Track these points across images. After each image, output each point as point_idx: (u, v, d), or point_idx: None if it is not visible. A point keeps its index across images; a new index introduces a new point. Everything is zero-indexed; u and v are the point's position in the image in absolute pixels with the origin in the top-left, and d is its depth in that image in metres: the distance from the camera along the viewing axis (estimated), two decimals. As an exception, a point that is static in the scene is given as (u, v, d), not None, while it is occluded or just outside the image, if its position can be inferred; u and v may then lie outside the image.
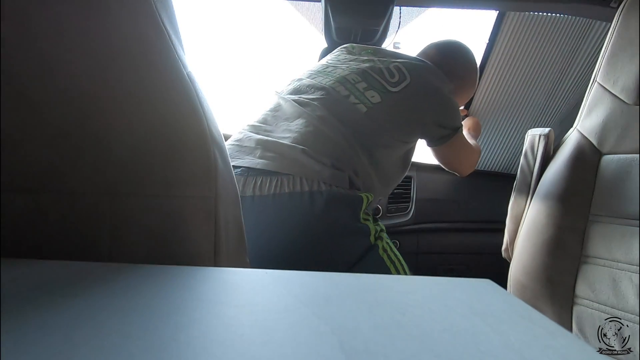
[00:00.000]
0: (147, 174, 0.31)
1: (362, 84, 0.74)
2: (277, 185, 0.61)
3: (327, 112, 0.69)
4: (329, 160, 0.64)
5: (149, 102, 0.31)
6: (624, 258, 0.64)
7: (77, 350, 0.16)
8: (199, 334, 0.18)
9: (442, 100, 0.81)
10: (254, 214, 0.60)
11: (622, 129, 0.69)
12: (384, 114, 0.72)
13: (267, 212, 0.61)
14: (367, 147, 0.70)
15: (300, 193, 0.60)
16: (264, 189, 0.61)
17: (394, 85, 0.75)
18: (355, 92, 0.73)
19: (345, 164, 0.66)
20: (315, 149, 0.65)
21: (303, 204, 0.60)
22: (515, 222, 0.83)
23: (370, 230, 0.65)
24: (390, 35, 1.22)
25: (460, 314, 0.21)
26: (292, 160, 0.63)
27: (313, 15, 1.27)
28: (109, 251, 0.31)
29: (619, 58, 0.71)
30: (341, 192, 0.63)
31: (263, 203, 0.61)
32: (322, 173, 0.62)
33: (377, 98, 0.73)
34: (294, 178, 0.61)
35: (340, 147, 0.67)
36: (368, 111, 0.71)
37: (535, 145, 0.80)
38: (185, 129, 0.32)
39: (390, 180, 0.81)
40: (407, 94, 0.75)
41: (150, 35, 0.32)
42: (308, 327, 0.19)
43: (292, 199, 0.60)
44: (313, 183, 0.61)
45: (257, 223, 0.60)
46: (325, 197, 0.60)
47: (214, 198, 0.33)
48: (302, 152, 0.63)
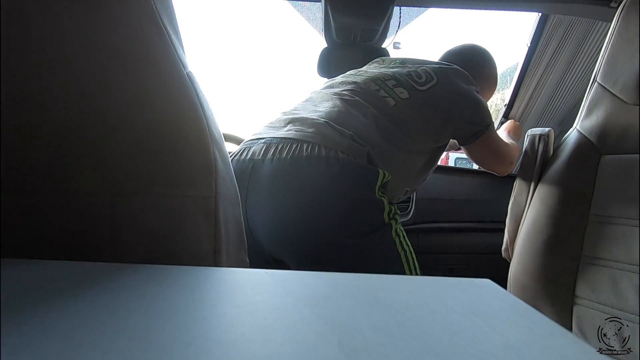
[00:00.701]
0: (147, 173, 0.31)
1: (392, 81, 0.78)
2: (295, 149, 0.64)
3: (357, 98, 0.74)
4: (349, 132, 0.67)
5: (149, 102, 0.31)
6: (624, 258, 0.64)
7: (77, 350, 0.16)
8: (199, 334, 0.18)
9: (469, 97, 0.81)
10: (271, 175, 0.63)
11: (622, 129, 0.69)
12: (411, 110, 0.75)
13: (283, 173, 0.63)
14: (391, 135, 0.72)
15: (317, 157, 0.62)
16: (283, 153, 0.64)
17: (421, 85, 0.79)
18: (385, 88, 0.77)
19: (365, 139, 0.68)
20: (338, 122, 0.68)
21: (319, 168, 0.62)
22: (515, 222, 0.83)
23: (385, 207, 0.64)
24: (390, 35, 1.22)
25: (460, 314, 0.21)
26: (314, 131, 0.67)
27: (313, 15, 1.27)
28: (109, 251, 0.31)
29: (619, 58, 0.71)
30: (357, 162, 0.64)
31: (281, 165, 0.63)
32: (341, 143, 0.65)
33: (405, 94, 0.76)
34: (312, 145, 0.64)
35: (363, 123, 0.70)
36: (396, 104, 0.74)
37: (535, 145, 0.80)
38: (185, 129, 0.33)
39: (411, 175, 0.80)
40: (435, 92, 0.78)
41: (150, 35, 0.32)
42: (308, 327, 0.19)
43: (309, 162, 0.62)
44: (330, 151, 0.63)
45: (274, 182, 0.63)
46: (341, 164, 0.62)
47: (214, 198, 0.33)
48: (324, 124, 0.68)
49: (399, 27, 1.22)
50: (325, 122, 0.68)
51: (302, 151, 0.63)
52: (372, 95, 0.75)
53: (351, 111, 0.71)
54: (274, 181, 0.63)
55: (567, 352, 0.18)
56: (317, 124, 0.68)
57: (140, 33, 0.31)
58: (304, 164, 0.62)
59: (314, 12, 1.25)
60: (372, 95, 0.75)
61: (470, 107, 0.81)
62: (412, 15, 1.24)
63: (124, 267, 0.27)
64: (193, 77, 0.35)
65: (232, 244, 0.37)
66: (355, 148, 0.65)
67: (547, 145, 0.78)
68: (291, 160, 0.63)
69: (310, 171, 0.62)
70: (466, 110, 0.81)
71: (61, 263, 0.28)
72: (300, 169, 0.63)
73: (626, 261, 0.64)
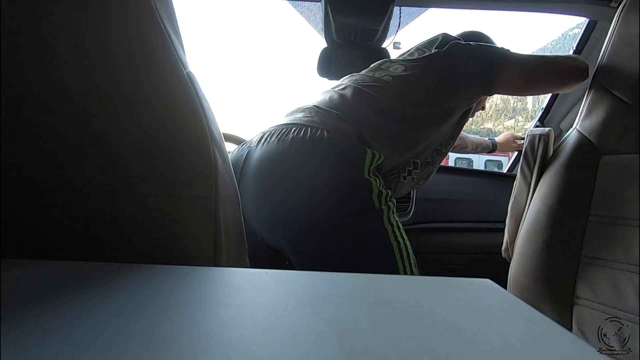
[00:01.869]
0: (148, 173, 0.31)
1: (386, 63, 0.81)
2: (283, 132, 0.65)
3: (352, 85, 0.75)
4: (335, 112, 0.68)
5: (149, 102, 0.31)
6: (624, 258, 0.64)
7: (77, 350, 0.16)
8: (199, 334, 0.18)
9: (466, 46, 0.79)
10: (259, 158, 0.65)
11: (622, 129, 0.69)
12: (409, 80, 0.75)
13: (270, 156, 0.64)
14: (388, 109, 0.71)
15: (302, 138, 0.63)
16: (272, 137, 0.66)
17: (415, 60, 0.79)
18: (380, 71, 0.79)
19: (354, 118, 0.68)
20: (326, 105, 0.70)
21: (305, 148, 0.63)
22: (515, 222, 0.83)
23: (373, 188, 0.62)
24: (390, 35, 1.22)
25: (460, 314, 0.21)
26: (303, 115, 0.69)
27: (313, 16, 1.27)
28: (109, 251, 0.31)
29: (619, 58, 0.71)
30: (344, 140, 0.64)
31: (269, 148, 0.65)
32: (327, 123, 0.66)
33: (400, 69, 0.77)
34: (299, 127, 0.65)
35: (352, 103, 0.71)
36: (393, 80, 0.75)
37: (535, 145, 0.80)
38: (185, 129, 0.33)
39: (417, 146, 0.76)
40: (430, 58, 0.78)
41: (150, 35, 0.32)
42: (308, 327, 0.19)
43: (294, 143, 0.63)
44: (317, 131, 0.64)
45: (261, 165, 0.64)
46: (327, 143, 0.63)
47: (214, 198, 0.33)
48: (312, 108, 0.70)
49: (399, 27, 1.22)
50: (314, 106, 0.70)
51: (289, 134, 0.64)
52: (368, 78, 0.76)
53: (344, 95, 0.73)
54: (261, 164, 0.64)
55: (567, 352, 0.18)
56: (306, 109, 0.70)
57: (140, 33, 0.31)
58: (288, 146, 0.63)
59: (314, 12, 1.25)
60: (368, 78, 0.76)
61: (468, 47, 0.78)
62: (412, 15, 1.24)
63: (124, 267, 0.27)
64: (193, 77, 0.35)
65: (232, 244, 0.37)
66: (342, 127, 0.65)
67: (547, 145, 0.78)
68: (277, 142, 0.64)
69: (295, 152, 0.63)
70: (464, 51, 0.78)
71: (61, 263, 0.28)
72: (286, 150, 0.63)
73: (626, 261, 0.64)
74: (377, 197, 0.62)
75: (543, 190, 0.75)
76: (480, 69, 0.76)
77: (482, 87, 0.78)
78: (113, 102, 0.30)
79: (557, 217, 0.71)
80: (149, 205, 0.31)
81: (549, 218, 0.72)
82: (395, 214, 0.65)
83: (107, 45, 0.30)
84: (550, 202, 0.72)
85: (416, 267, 0.64)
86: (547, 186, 0.74)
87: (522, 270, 0.76)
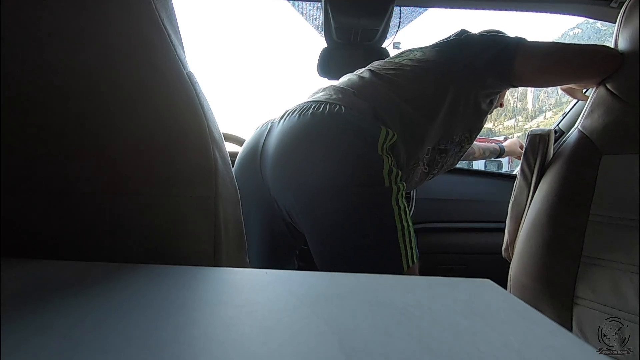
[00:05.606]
0: (147, 173, 0.31)
1: (407, 52, 0.83)
2: (304, 109, 0.69)
3: (371, 68, 0.78)
4: (351, 90, 0.72)
5: (149, 102, 0.31)
6: (624, 258, 0.64)
7: (77, 350, 0.16)
8: (199, 334, 0.18)
9: (476, 36, 0.80)
10: (280, 130, 0.69)
11: (623, 129, 0.69)
12: (427, 62, 0.76)
13: (291, 128, 0.68)
14: (409, 91, 0.72)
15: (321, 113, 0.67)
16: (294, 113, 0.70)
17: (435, 46, 0.81)
18: (400, 57, 0.81)
19: (368, 96, 0.71)
20: (343, 84, 0.75)
21: (323, 121, 0.66)
22: (515, 222, 0.83)
23: (384, 165, 0.63)
24: (390, 35, 1.22)
25: (460, 314, 0.21)
26: (323, 94, 0.73)
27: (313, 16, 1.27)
28: (109, 251, 0.31)
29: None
30: (359, 116, 0.66)
31: (290, 122, 0.69)
32: (343, 99, 0.69)
33: (419, 55, 0.78)
34: (319, 103, 0.69)
35: (369, 83, 0.74)
36: (412, 63, 0.77)
37: (536, 145, 0.80)
38: (185, 129, 0.33)
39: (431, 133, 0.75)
40: (447, 43, 0.80)
41: (150, 35, 0.32)
42: (308, 327, 0.19)
43: (314, 117, 0.67)
44: (335, 107, 0.67)
45: (283, 136, 0.68)
46: (343, 117, 0.66)
47: (214, 198, 0.33)
48: (330, 87, 0.75)
49: (399, 27, 1.22)
50: (331, 86, 0.75)
51: (309, 110, 0.68)
52: (386, 65, 0.79)
53: (362, 77, 0.76)
54: (283, 137, 0.67)
55: (567, 352, 0.18)
56: (326, 88, 0.75)
57: (140, 33, 0.31)
58: (309, 120, 0.67)
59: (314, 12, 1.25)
60: (386, 64, 0.79)
61: (482, 37, 0.78)
62: (412, 15, 1.24)
63: (124, 267, 0.27)
64: (193, 77, 0.35)
65: (232, 244, 0.37)
66: (358, 103, 0.68)
67: (548, 145, 0.78)
68: (298, 117, 0.68)
69: (315, 125, 0.66)
70: (479, 41, 0.77)
71: (61, 263, 0.28)
72: (306, 124, 0.67)
73: (626, 261, 0.64)
74: (387, 174, 0.63)
75: (543, 190, 0.75)
76: (495, 52, 0.75)
77: (500, 72, 0.75)
78: (113, 102, 0.30)
79: (557, 217, 0.71)
80: (149, 205, 0.31)
81: (549, 218, 0.72)
82: (403, 197, 0.65)
83: (107, 45, 0.30)
84: (551, 202, 0.72)
85: (417, 259, 0.64)
86: (548, 186, 0.74)
87: (522, 270, 0.76)
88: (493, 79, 0.76)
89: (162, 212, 0.31)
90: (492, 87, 0.78)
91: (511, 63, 0.74)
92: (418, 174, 0.80)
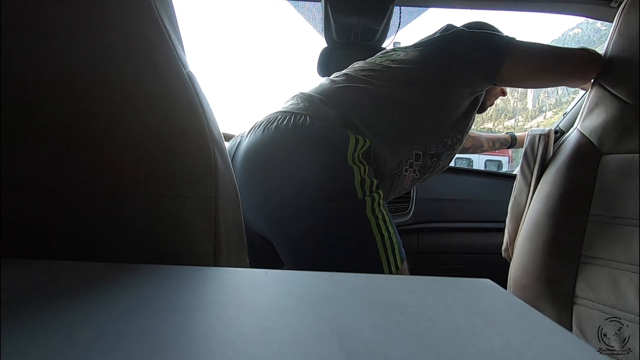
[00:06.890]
0: (147, 173, 0.31)
1: (391, 52, 0.80)
2: (269, 121, 0.66)
3: (348, 71, 0.75)
4: (318, 97, 0.68)
5: (149, 102, 0.31)
6: (624, 258, 0.64)
7: (77, 350, 0.16)
8: (199, 334, 0.18)
9: (464, 32, 0.78)
10: (245, 148, 0.66)
11: (622, 129, 0.69)
12: (409, 61, 0.74)
13: (254, 145, 0.65)
14: (386, 93, 0.70)
15: (284, 126, 0.63)
16: (259, 127, 0.66)
17: (418, 44, 0.79)
18: (381, 57, 0.78)
19: (337, 102, 0.67)
20: (313, 91, 0.71)
21: (286, 136, 0.63)
22: (515, 222, 0.83)
23: (355, 176, 0.59)
24: (390, 35, 1.22)
25: (460, 314, 0.21)
26: (290, 103, 0.70)
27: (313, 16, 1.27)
28: (109, 251, 0.31)
29: (619, 58, 0.71)
30: (324, 126, 0.63)
31: (254, 138, 0.65)
32: (309, 108, 0.66)
33: (402, 55, 0.76)
34: (284, 114, 0.66)
35: (341, 88, 0.70)
36: (393, 64, 0.74)
37: (535, 145, 0.80)
38: (185, 129, 0.33)
39: (417, 134, 0.73)
40: (432, 40, 0.78)
41: (150, 35, 0.32)
42: (308, 327, 0.19)
43: (277, 132, 0.64)
44: (300, 118, 0.64)
45: (246, 154, 0.65)
46: (308, 129, 0.62)
47: (213, 198, 0.33)
48: (298, 95, 0.71)
49: (399, 27, 1.22)
50: (300, 93, 0.71)
51: (274, 122, 0.65)
52: (365, 66, 0.76)
53: (335, 81, 0.72)
54: (247, 153, 0.65)
55: (567, 352, 0.18)
56: (295, 96, 0.71)
57: (140, 33, 0.31)
58: (271, 135, 0.63)
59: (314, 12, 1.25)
60: (366, 65, 0.76)
61: (470, 34, 0.77)
62: (412, 15, 1.24)
63: (124, 267, 0.27)
64: (193, 77, 0.35)
65: (232, 244, 0.37)
66: (325, 112, 0.65)
67: (547, 145, 0.78)
68: (262, 131, 0.65)
69: (277, 140, 0.63)
70: (466, 39, 0.76)
71: (61, 263, 0.28)
72: (268, 139, 0.63)
73: (626, 261, 0.64)
74: (359, 185, 0.60)
75: (543, 190, 0.75)
76: (483, 53, 0.73)
77: (486, 73, 0.75)
78: (112, 101, 0.30)
79: (557, 217, 0.71)
80: (148, 205, 0.31)
81: (549, 218, 0.72)
82: (382, 206, 0.62)
83: (107, 45, 0.30)
84: (551, 202, 0.72)
85: (402, 262, 0.62)
86: (548, 186, 0.74)
87: (522, 270, 0.76)
88: (479, 78, 0.76)
89: (162, 212, 0.31)
90: (477, 87, 0.78)
91: (499, 64, 0.74)
92: (407, 179, 0.77)
